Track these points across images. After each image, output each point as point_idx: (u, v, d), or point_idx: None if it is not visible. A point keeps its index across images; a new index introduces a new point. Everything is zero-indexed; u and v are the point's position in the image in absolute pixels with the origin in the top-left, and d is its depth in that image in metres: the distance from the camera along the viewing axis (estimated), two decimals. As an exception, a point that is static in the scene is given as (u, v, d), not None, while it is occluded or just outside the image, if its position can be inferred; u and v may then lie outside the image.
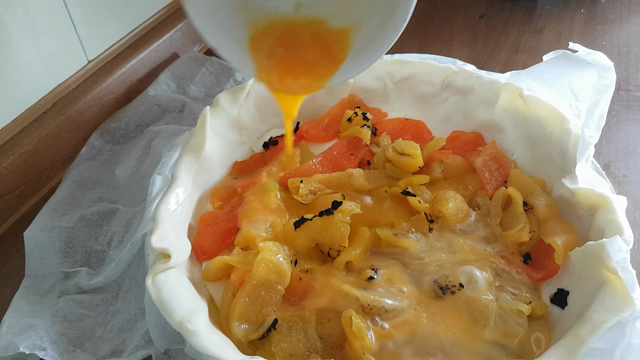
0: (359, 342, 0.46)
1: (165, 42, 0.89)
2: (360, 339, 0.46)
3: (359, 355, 0.46)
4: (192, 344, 0.44)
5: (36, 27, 0.68)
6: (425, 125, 0.69)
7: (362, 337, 0.46)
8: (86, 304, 0.55)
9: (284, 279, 0.51)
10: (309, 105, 0.72)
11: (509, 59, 0.89)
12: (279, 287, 0.51)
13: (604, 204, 0.51)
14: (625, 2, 1.00)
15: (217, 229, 0.58)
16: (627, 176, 0.67)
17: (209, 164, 0.63)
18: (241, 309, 0.49)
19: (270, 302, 0.50)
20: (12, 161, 0.67)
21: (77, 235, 0.61)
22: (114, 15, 0.80)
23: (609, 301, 0.44)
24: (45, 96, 0.72)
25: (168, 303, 0.46)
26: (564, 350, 0.42)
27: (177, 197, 0.55)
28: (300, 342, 0.48)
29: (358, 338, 0.46)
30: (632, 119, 0.75)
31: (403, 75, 0.71)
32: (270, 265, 0.51)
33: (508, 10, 1.02)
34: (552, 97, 0.62)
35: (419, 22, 1.01)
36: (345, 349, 0.48)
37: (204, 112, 0.62)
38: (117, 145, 0.75)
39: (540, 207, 0.56)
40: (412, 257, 0.55)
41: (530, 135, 0.62)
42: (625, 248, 0.47)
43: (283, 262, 0.52)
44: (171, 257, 0.49)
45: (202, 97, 0.82)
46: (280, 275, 0.51)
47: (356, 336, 0.46)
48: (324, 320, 0.49)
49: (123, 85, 0.81)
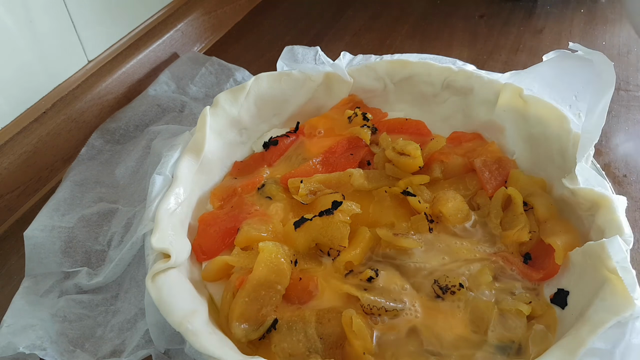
0: (359, 341, 0.46)
1: (165, 42, 0.89)
2: (361, 338, 0.46)
3: (359, 354, 0.46)
4: (192, 344, 0.44)
5: (36, 27, 0.68)
6: (425, 125, 0.69)
7: (362, 337, 0.46)
8: (86, 304, 0.55)
9: (284, 279, 0.51)
10: (309, 105, 0.72)
11: (509, 59, 0.89)
12: (279, 287, 0.51)
13: (604, 203, 0.51)
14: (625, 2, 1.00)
15: (217, 228, 0.58)
16: (627, 176, 0.67)
17: (209, 164, 0.63)
18: (241, 309, 0.49)
19: (270, 302, 0.50)
20: (12, 161, 0.67)
21: (77, 235, 0.61)
22: (114, 15, 0.80)
23: (609, 301, 0.44)
24: (45, 96, 0.72)
25: (168, 303, 0.46)
26: (564, 350, 0.42)
27: (177, 197, 0.55)
28: (300, 342, 0.48)
29: (358, 338, 0.46)
30: (632, 119, 0.75)
31: (403, 76, 0.71)
32: (271, 266, 0.51)
33: (508, 10, 1.02)
34: (552, 97, 0.62)
35: (419, 22, 1.01)
36: (346, 348, 0.48)
37: (204, 112, 0.62)
38: (117, 145, 0.75)
39: (540, 207, 0.56)
40: (412, 257, 0.55)
41: (531, 135, 0.62)
42: (625, 248, 0.47)
43: (283, 262, 0.52)
44: (171, 257, 0.49)
45: (202, 97, 0.82)
46: (280, 275, 0.51)
47: (356, 336, 0.46)
48: (324, 321, 0.49)
49: (123, 85, 0.81)
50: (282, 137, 0.68)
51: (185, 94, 0.82)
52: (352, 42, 0.97)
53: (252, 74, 0.83)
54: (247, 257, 0.53)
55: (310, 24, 1.03)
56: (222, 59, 0.87)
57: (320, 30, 1.01)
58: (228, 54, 0.95)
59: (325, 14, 1.06)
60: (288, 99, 0.70)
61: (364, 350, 0.46)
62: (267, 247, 0.52)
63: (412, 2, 1.08)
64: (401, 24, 1.01)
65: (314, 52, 0.80)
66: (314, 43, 0.84)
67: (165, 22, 0.90)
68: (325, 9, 1.08)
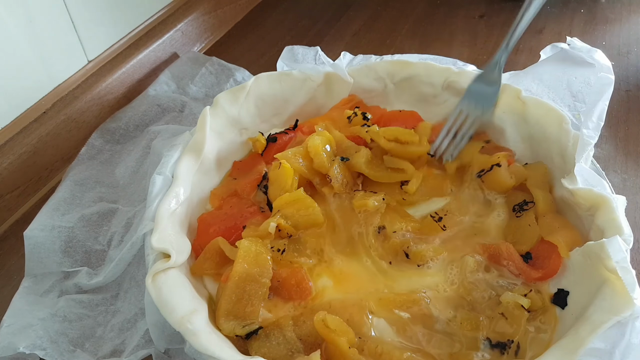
0: (342, 338, 0.46)
1: (165, 42, 0.89)
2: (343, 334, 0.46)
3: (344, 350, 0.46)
4: (192, 344, 0.44)
5: (36, 27, 0.68)
6: (419, 115, 0.69)
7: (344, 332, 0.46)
8: (86, 303, 0.55)
9: (266, 271, 0.51)
10: (309, 105, 0.72)
11: (509, 59, 0.88)
12: (263, 280, 0.51)
13: (604, 203, 0.51)
14: (625, 2, 1.00)
15: (216, 228, 0.58)
16: (627, 176, 0.67)
17: (209, 164, 0.63)
18: (227, 306, 0.49)
19: (256, 295, 0.50)
20: (12, 161, 0.67)
21: (77, 235, 0.61)
22: (114, 15, 0.80)
23: (609, 301, 0.44)
24: (45, 96, 0.72)
25: (168, 303, 0.46)
26: (563, 350, 0.42)
27: (177, 197, 0.55)
28: (280, 345, 0.48)
29: (339, 334, 0.46)
30: (632, 119, 0.75)
31: (403, 76, 0.71)
32: (250, 259, 0.51)
33: (508, 10, 1.02)
34: (551, 97, 0.62)
35: (419, 22, 1.01)
36: (328, 346, 0.48)
37: (204, 112, 0.62)
38: (117, 145, 0.75)
39: (539, 202, 0.56)
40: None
41: (530, 136, 0.62)
42: (625, 248, 0.47)
43: (263, 252, 0.52)
44: (171, 257, 0.49)
45: (202, 97, 0.82)
46: (262, 266, 0.51)
47: (338, 333, 0.46)
48: (299, 323, 0.50)
49: (123, 85, 0.81)
50: (281, 134, 0.68)
51: (185, 94, 0.82)
52: (352, 42, 0.97)
53: (252, 74, 0.83)
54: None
55: (310, 24, 1.03)
56: (222, 59, 0.87)
57: (320, 30, 1.01)
58: (228, 54, 0.95)
59: (325, 14, 1.06)
60: (288, 99, 0.70)
61: (349, 344, 0.46)
62: (243, 245, 0.52)
63: (412, 2, 1.08)
64: (401, 24, 1.01)
65: (314, 52, 0.80)
66: (314, 43, 0.84)
67: (165, 22, 0.90)
68: (325, 9, 1.08)
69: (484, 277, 0.53)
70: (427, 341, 0.49)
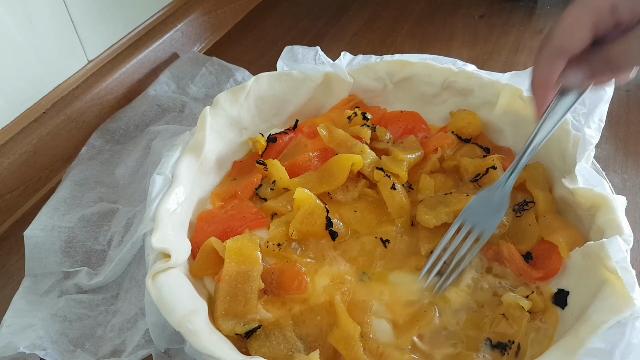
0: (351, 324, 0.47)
1: (165, 42, 0.89)
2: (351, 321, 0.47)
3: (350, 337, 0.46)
4: (192, 344, 0.44)
5: (36, 27, 0.68)
6: (420, 116, 0.69)
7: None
8: (86, 303, 0.55)
9: (256, 265, 0.51)
10: (309, 105, 0.72)
11: (509, 59, 0.89)
12: (254, 275, 0.51)
13: (604, 203, 0.51)
14: (625, 2, 1.00)
15: (215, 227, 0.58)
16: (627, 176, 0.67)
17: (209, 164, 0.63)
18: (224, 306, 0.49)
19: (250, 291, 0.50)
20: (12, 161, 0.67)
21: (77, 235, 0.61)
22: (114, 15, 0.80)
23: (609, 301, 0.44)
24: (45, 96, 0.72)
25: (168, 303, 0.46)
26: (563, 350, 0.42)
27: (177, 197, 0.55)
28: (280, 344, 0.48)
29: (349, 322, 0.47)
30: (632, 119, 0.75)
31: (403, 76, 0.71)
32: (237, 257, 0.51)
33: (508, 10, 1.02)
34: (552, 97, 0.62)
35: (419, 22, 1.01)
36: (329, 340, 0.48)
37: (204, 112, 0.62)
38: (117, 145, 0.75)
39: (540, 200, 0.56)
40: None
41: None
42: (625, 248, 0.47)
43: (250, 247, 0.52)
44: (171, 257, 0.49)
45: (202, 97, 0.82)
46: (250, 262, 0.51)
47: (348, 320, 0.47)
48: (299, 322, 0.50)
49: (123, 85, 0.81)
50: (281, 135, 0.68)
51: (185, 94, 0.82)
52: (352, 42, 0.97)
53: (252, 74, 0.83)
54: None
55: (310, 24, 1.03)
56: (222, 59, 0.87)
57: (320, 30, 1.01)
58: (228, 54, 0.95)
59: (325, 14, 1.06)
60: (288, 99, 0.70)
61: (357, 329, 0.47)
62: (229, 245, 0.52)
63: (412, 2, 1.08)
64: (401, 24, 1.01)
65: (314, 52, 0.80)
66: (314, 43, 0.84)
67: (165, 22, 0.90)
68: (325, 9, 1.08)
69: (485, 278, 0.53)
70: (428, 342, 0.49)
